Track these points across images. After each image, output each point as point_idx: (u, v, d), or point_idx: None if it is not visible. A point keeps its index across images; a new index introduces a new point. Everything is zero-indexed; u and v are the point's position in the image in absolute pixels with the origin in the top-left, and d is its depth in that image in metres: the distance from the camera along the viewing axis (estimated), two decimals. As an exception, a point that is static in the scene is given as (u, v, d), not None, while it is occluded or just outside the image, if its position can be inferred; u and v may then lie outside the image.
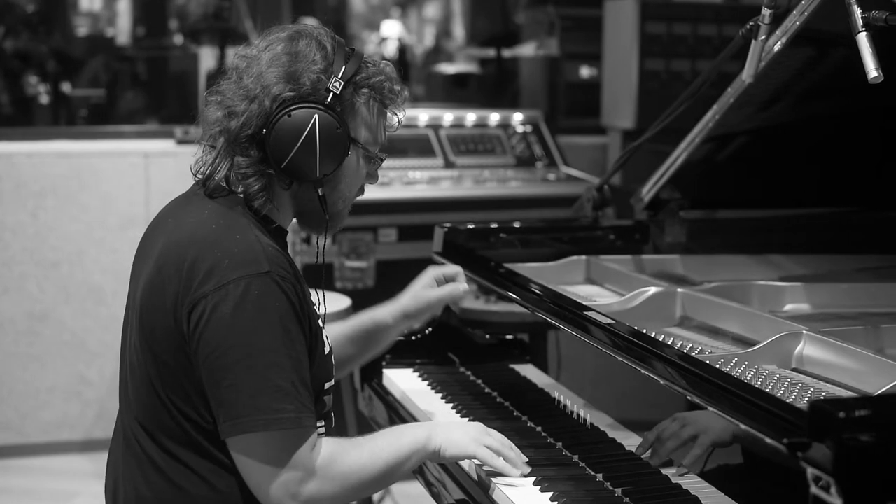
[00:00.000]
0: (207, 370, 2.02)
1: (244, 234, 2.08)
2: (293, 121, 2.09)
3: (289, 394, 2.00)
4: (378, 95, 2.22)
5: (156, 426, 2.11)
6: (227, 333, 1.99)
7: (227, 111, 2.13)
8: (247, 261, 2.02)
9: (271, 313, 2.01)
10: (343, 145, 2.15)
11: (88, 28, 8.78)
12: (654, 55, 5.60)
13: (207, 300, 2.00)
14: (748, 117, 2.99)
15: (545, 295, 2.61)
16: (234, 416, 2.00)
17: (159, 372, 2.08)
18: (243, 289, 2.00)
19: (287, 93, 2.10)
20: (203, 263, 2.02)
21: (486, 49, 7.80)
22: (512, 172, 5.22)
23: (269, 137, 2.10)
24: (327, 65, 2.13)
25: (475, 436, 2.23)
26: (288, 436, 2.01)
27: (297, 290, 2.08)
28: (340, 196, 2.24)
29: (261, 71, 2.12)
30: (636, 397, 2.35)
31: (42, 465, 5.03)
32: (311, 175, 2.13)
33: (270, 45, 2.15)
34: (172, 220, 2.19)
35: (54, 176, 5.04)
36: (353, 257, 4.78)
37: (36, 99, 7.04)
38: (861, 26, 2.16)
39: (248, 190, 2.13)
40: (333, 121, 2.12)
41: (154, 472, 2.12)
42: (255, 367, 1.99)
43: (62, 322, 5.10)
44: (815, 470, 1.61)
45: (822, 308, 2.74)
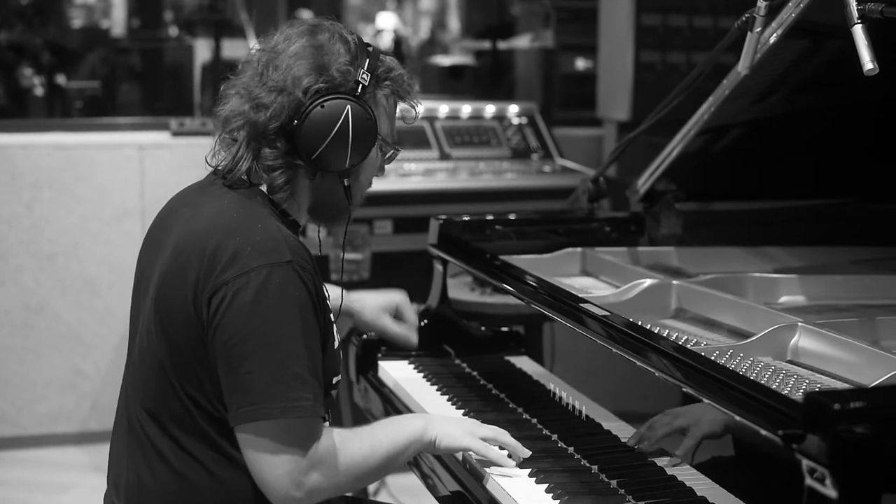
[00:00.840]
0: (224, 356, 2.02)
1: (265, 223, 2.09)
2: (326, 111, 2.11)
3: (306, 382, 2.01)
4: (398, 89, 2.25)
5: (164, 413, 2.12)
6: (246, 320, 2.00)
7: (254, 103, 2.13)
8: (269, 249, 2.03)
9: (291, 302, 2.02)
10: (372, 136, 2.18)
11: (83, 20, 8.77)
12: (650, 47, 5.60)
13: (229, 286, 2.01)
14: (744, 109, 2.99)
15: (540, 287, 2.61)
16: (250, 402, 2.00)
17: (172, 358, 2.09)
18: (265, 277, 2.01)
19: (320, 84, 2.12)
20: (225, 250, 2.03)
21: (482, 41, 7.79)
22: (507, 164, 5.22)
23: (301, 128, 2.11)
24: (352, 57, 2.16)
25: (470, 428, 2.24)
26: (301, 424, 2.02)
27: (315, 281, 2.10)
28: (360, 187, 2.27)
29: (287, 63, 2.13)
30: (631, 389, 2.35)
31: (38, 458, 5.03)
32: (340, 166, 2.16)
33: (290, 38, 2.16)
34: (189, 209, 2.19)
35: (49, 168, 5.04)
36: (348, 249, 4.78)
37: (31, 91, 7.03)
38: (856, 18, 2.16)
39: (273, 182, 2.15)
40: (364, 112, 2.15)
41: (158, 461, 2.13)
42: (274, 355, 2.00)
43: (58, 315, 5.09)
44: (810, 461, 1.62)
45: (818, 300, 2.74)
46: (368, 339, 3.00)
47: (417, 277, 3.56)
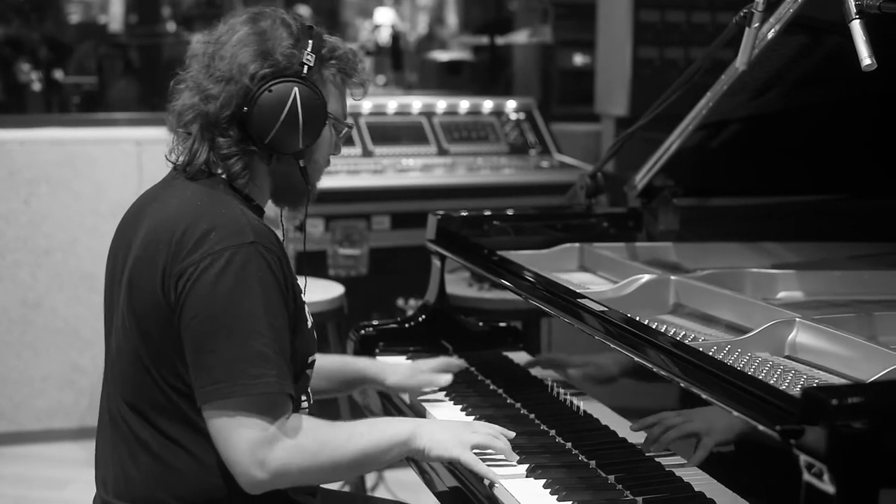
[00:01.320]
0: (189, 337, 2.05)
1: (229, 208, 2.12)
2: (275, 95, 2.14)
3: (269, 359, 2.02)
4: (344, 66, 2.27)
5: (145, 403, 2.13)
6: (209, 300, 2.03)
7: (204, 95, 2.16)
8: (233, 232, 2.06)
9: (254, 282, 2.04)
10: (322, 116, 2.20)
11: (81, 15, 8.76)
12: (648, 43, 5.60)
13: (193, 268, 2.04)
14: (741, 105, 2.99)
15: (538, 282, 2.61)
16: (213, 380, 2.02)
17: (147, 347, 2.11)
18: (228, 257, 2.04)
19: (265, 69, 2.15)
20: (191, 236, 2.07)
21: (480, 36, 7.79)
22: (505, 160, 5.22)
23: (252, 114, 2.14)
24: (295, 40, 2.19)
25: (461, 437, 2.21)
26: (265, 401, 2.02)
27: (281, 262, 2.12)
28: (316, 167, 2.29)
29: (232, 52, 2.16)
30: (629, 384, 2.35)
31: (36, 453, 5.03)
32: (294, 147, 2.19)
33: (233, 28, 2.20)
34: (156, 203, 2.22)
35: (47, 163, 5.04)
36: (346, 245, 4.77)
37: (28, 86, 7.02)
38: (854, 14, 2.16)
39: (231, 170, 2.18)
40: (312, 93, 2.18)
41: (142, 451, 2.14)
42: (236, 333, 2.02)
43: (55, 310, 5.09)
44: (807, 457, 1.62)
45: (815, 295, 2.74)
46: (366, 335, 3.00)
47: (415, 273, 3.57)
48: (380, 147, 5.08)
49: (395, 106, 5.28)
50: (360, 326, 3.06)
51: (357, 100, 2.38)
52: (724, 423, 1.97)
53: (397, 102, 5.32)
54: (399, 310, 4.73)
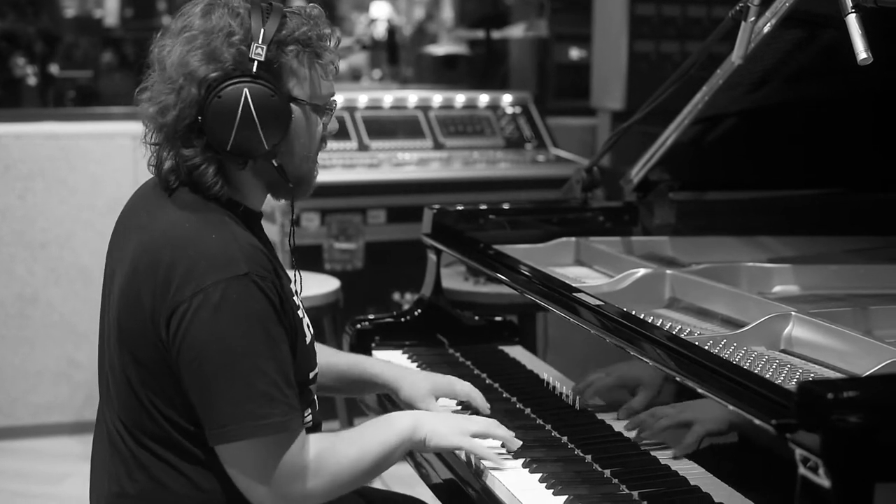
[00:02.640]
0: (190, 378, 1.98)
1: (219, 231, 2.03)
2: (224, 101, 2.01)
3: (273, 398, 1.97)
4: (306, 47, 2.10)
5: (136, 426, 2.08)
6: (207, 340, 1.95)
7: (160, 107, 2.06)
8: (223, 263, 1.97)
9: (251, 317, 1.97)
10: (284, 111, 2.07)
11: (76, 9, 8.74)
12: (644, 37, 5.60)
13: (186, 306, 1.95)
14: (737, 99, 2.99)
15: (534, 276, 2.61)
16: (221, 424, 1.96)
17: (139, 374, 2.05)
18: (221, 293, 1.95)
19: (212, 74, 2.02)
20: (179, 267, 1.98)
21: (476, 30, 7.78)
22: (501, 154, 5.22)
23: (206, 124, 2.03)
24: (245, 32, 2.04)
25: (460, 425, 2.20)
26: (275, 440, 1.98)
27: (276, 286, 2.04)
28: (300, 159, 2.15)
29: (181, 58, 2.04)
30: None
31: (32, 448, 5.03)
32: (259, 150, 2.05)
33: (185, 26, 2.07)
34: (144, 216, 2.13)
35: (42, 158, 5.03)
36: (341, 239, 4.77)
37: (23, 80, 7.00)
38: (850, 8, 2.16)
39: (201, 179, 2.06)
40: (266, 90, 2.03)
41: (137, 469, 2.09)
42: (238, 373, 1.95)
43: (51, 304, 5.09)
44: (803, 451, 1.62)
45: (811, 289, 2.74)
46: (362, 329, 3.00)
47: (411, 267, 3.57)
48: (376, 141, 5.08)
49: (390, 100, 5.28)
50: (355, 320, 3.05)
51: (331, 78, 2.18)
52: (716, 411, 1.97)
53: (393, 96, 5.32)
54: (395, 304, 4.73)
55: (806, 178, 3.25)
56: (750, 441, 1.86)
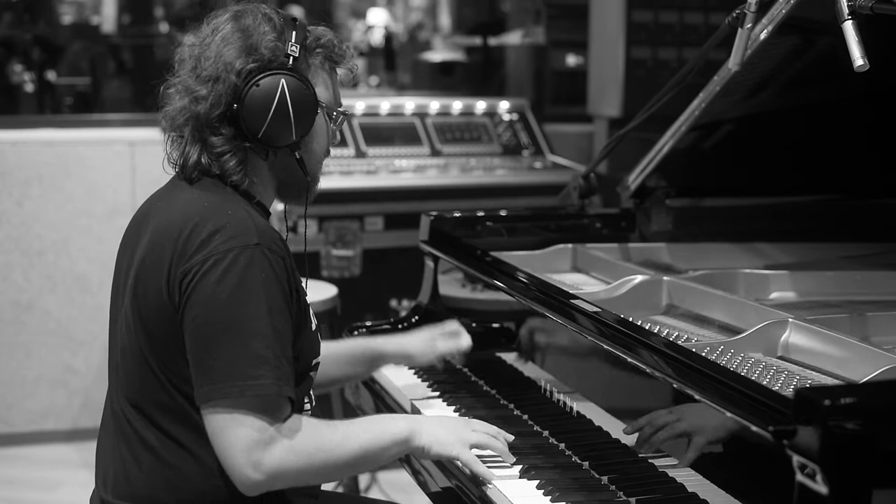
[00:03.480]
0: (190, 337, 2.05)
1: (235, 209, 2.12)
2: (263, 89, 2.14)
3: (268, 362, 2.02)
4: (329, 54, 2.26)
5: (149, 403, 2.13)
6: (210, 301, 2.03)
7: (193, 97, 2.16)
8: (238, 233, 2.07)
9: (256, 283, 2.04)
10: (312, 105, 2.19)
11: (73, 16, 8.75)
12: (641, 43, 5.60)
13: (196, 269, 2.04)
14: (734, 105, 2.99)
15: (531, 283, 2.61)
16: (212, 381, 2.01)
17: (153, 347, 2.11)
18: (231, 258, 2.04)
19: (251, 64, 2.14)
20: (196, 237, 2.07)
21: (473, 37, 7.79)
22: (498, 161, 5.22)
23: (242, 110, 2.14)
24: (279, 33, 2.18)
25: (461, 435, 2.21)
26: (262, 403, 2.02)
27: (285, 264, 2.12)
28: (315, 157, 2.28)
29: (217, 52, 2.16)
30: (622, 385, 2.35)
31: (28, 455, 5.02)
32: (287, 139, 2.18)
33: (216, 28, 2.20)
34: (161, 204, 2.22)
35: (39, 164, 5.03)
36: (339, 246, 4.77)
37: (21, 87, 7.01)
38: (847, 14, 2.17)
39: (225, 167, 2.17)
40: (300, 83, 2.17)
41: (145, 451, 2.13)
42: (237, 334, 2.02)
43: (48, 311, 5.09)
44: (800, 457, 1.62)
45: (808, 296, 2.74)
46: (359, 335, 3.00)
47: (408, 274, 3.57)
48: (373, 148, 5.09)
49: (387, 107, 5.29)
50: (353, 327, 3.06)
51: (348, 86, 2.39)
52: (715, 421, 1.97)
53: (390, 103, 5.32)
54: (392, 310, 4.73)
55: (803, 184, 3.25)
56: (747, 448, 1.86)
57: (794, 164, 3.18)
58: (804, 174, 3.22)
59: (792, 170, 3.21)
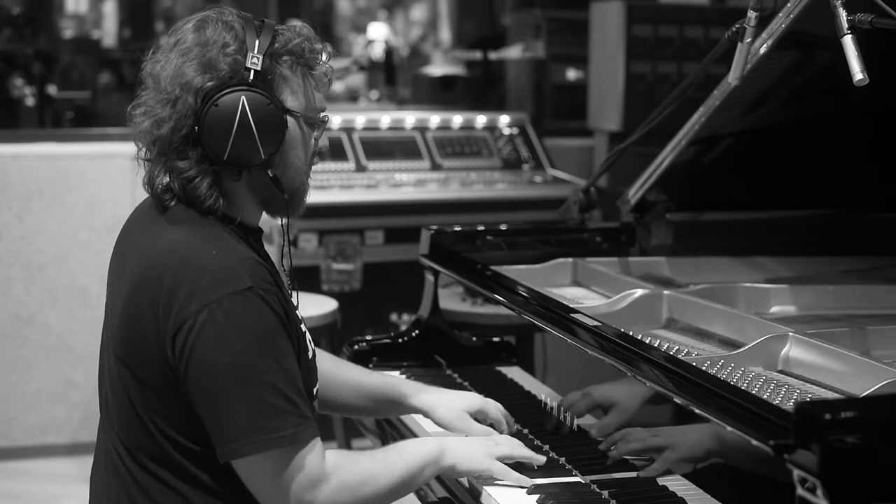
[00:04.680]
0: (199, 395, 1.97)
1: (220, 247, 2.03)
2: (221, 109, 2.02)
3: (283, 410, 1.96)
4: (300, 59, 2.12)
5: (136, 447, 2.07)
6: (214, 357, 1.95)
7: (154, 120, 2.06)
8: (227, 278, 1.97)
9: (257, 330, 1.97)
10: (279, 120, 2.06)
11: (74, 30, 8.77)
12: (641, 57, 5.61)
13: (191, 322, 1.95)
14: (734, 120, 3.00)
15: (532, 297, 2.61)
16: (232, 440, 1.95)
17: (141, 394, 2.04)
18: (226, 308, 1.95)
19: (208, 83, 2.03)
20: (182, 286, 1.97)
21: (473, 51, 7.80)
22: (498, 175, 5.23)
23: (203, 133, 2.02)
24: (240, 44, 2.05)
25: (487, 449, 2.21)
26: (288, 452, 1.97)
27: (280, 299, 2.04)
28: (294, 171, 2.14)
29: (176, 69, 2.05)
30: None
31: (28, 469, 5.01)
32: (256, 159, 2.05)
33: (179, 41, 2.08)
34: (143, 236, 2.13)
35: (40, 178, 5.03)
36: (339, 260, 4.77)
37: (21, 101, 7.01)
38: (847, 29, 2.17)
39: (195, 192, 2.06)
40: (262, 98, 2.04)
41: (137, 491, 2.08)
42: (248, 388, 1.95)
43: (48, 325, 5.08)
44: (801, 472, 1.62)
45: (808, 310, 2.74)
46: (360, 350, 3.00)
47: (409, 288, 3.56)
48: (373, 162, 5.09)
49: (388, 121, 5.29)
50: (353, 341, 3.05)
51: (323, 91, 2.20)
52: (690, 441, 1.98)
53: (390, 117, 5.33)
54: (392, 324, 4.73)
55: (803, 198, 3.25)
56: (748, 462, 1.86)
57: (794, 179, 3.19)
58: (804, 188, 3.22)
59: (792, 184, 3.21)
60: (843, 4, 2.18)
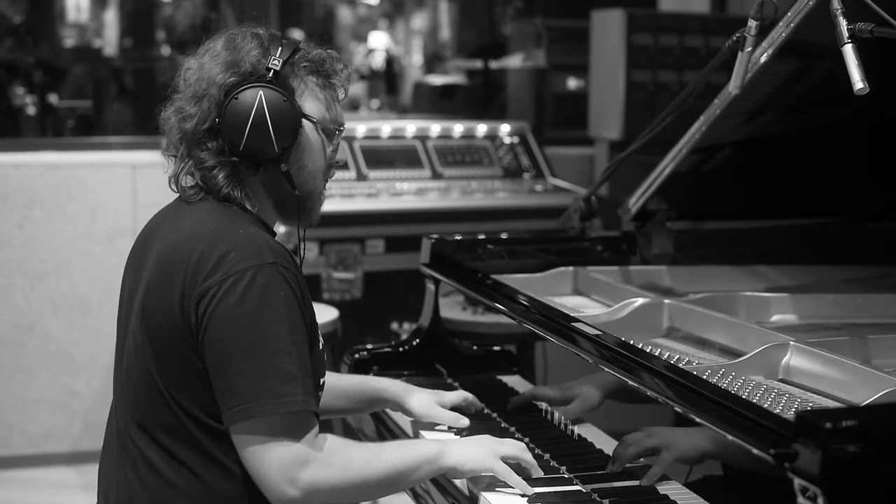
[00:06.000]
0: (214, 359, 2.05)
1: (246, 228, 2.13)
2: (240, 102, 2.15)
3: (296, 378, 2.03)
4: (319, 68, 2.25)
5: (155, 424, 2.12)
6: (233, 321, 2.03)
7: (182, 116, 2.19)
8: (252, 252, 2.07)
9: (277, 302, 2.05)
10: (294, 116, 2.18)
11: (75, 39, 8.78)
12: (641, 66, 5.62)
13: (215, 290, 2.04)
14: (734, 128, 3.00)
15: (532, 306, 2.61)
16: (242, 401, 2.01)
17: (162, 369, 2.11)
18: (249, 278, 2.04)
19: (230, 79, 2.16)
20: (210, 257, 2.07)
21: (474, 60, 7.81)
22: (499, 183, 5.23)
23: (223, 125, 2.15)
24: (264, 49, 2.19)
25: (490, 448, 2.23)
26: (293, 420, 2.03)
27: (299, 281, 2.13)
28: (308, 174, 2.25)
29: (204, 70, 2.19)
30: (623, 408, 2.35)
31: (28, 478, 5.01)
32: (270, 152, 2.17)
33: (210, 48, 2.22)
34: (167, 224, 2.23)
35: (41, 187, 5.03)
36: (340, 268, 4.78)
37: (23, 110, 7.03)
38: (847, 38, 2.17)
39: (214, 181, 2.18)
40: (279, 95, 2.16)
41: (149, 471, 2.13)
42: (263, 353, 2.02)
43: (49, 334, 5.08)
44: (802, 480, 1.61)
45: (809, 319, 2.74)
46: (360, 358, 3.00)
47: (409, 296, 3.56)
48: (374, 171, 5.09)
49: (389, 130, 5.30)
50: (354, 350, 3.05)
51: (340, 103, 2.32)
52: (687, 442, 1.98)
53: (391, 126, 5.33)
54: (393, 333, 4.73)
55: (803, 207, 3.25)
56: (749, 471, 1.86)
57: (795, 187, 3.19)
58: (804, 197, 3.22)
59: (792, 193, 3.21)
60: (843, 13, 2.18)
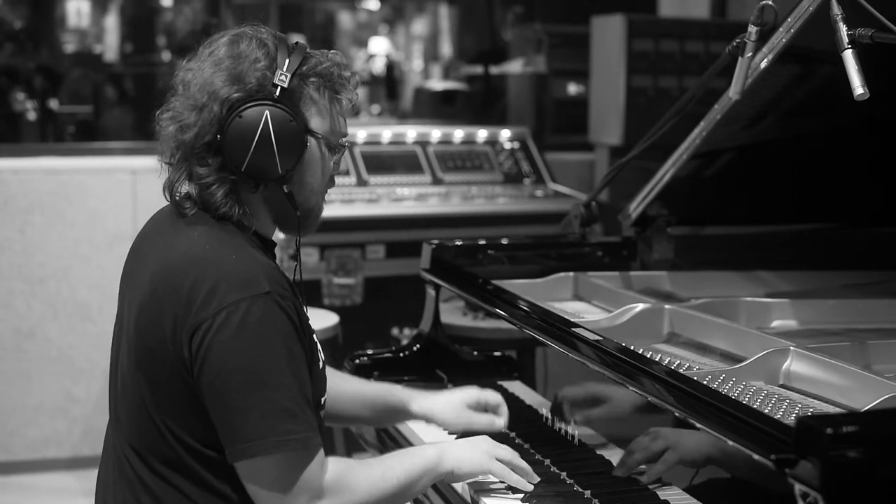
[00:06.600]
0: (212, 395, 1.99)
1: (239, 252, 2.06)
2: (245, 121, 2.06)
3: (296, 415, 1.99)
4: (327, 82, 2.16)
5: (147, 449, 2.08)
6: (230, 358, 1.97)
7: (179, 125, 2.10)
8: (246, 281, 2.00)
9: (274, 335, 1.99)
10: (300, 137, 2.10)
11: (76, 44, 8.78)
12: (642, 72, 5.63)
13: (208, 324, 1.98)
14: (735, 134, 3.00)
15: (533, 311, 2.61)
16: (243, 440, 1.97)
17: (154, 396, 2.06)
18: (244, 311, 1.97)
19: (235, 94, 2.07)
20: (202, 286, 2.00)
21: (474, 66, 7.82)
22: (500, 189, 5.23)
23: (225, 142, 2.07)
24: (270, 61, 2.10)
25: (487, 449, 2.23)
26: (297, 457, 1.99)
27: (296, 307, 2.07)
28: (310, 190, 2.18)
29: (206, 78, 2.09)
30: (624, 414, 2.35)
31: (29, 483, 5.00)
32: (273, 173, 2.09)
33: (213, 51, 2.13)
34: (161, 238, 2.16)
35: (41, 192, 5.04)
36: (340, 274, 4.77)
37: (23, 115, 7.02)
38: (847, 43, 2.17)
39: (212, 198, 2.10)
40: (286, 115, 2.08)
41: (145, 495, 2.09)
42: (262, 390, 1.97)
43: (49, 339, 5.08)
44: (802, 486, 1.61)
45: (809, 324, 2.74)
46: (361, 364, 3.00)
47: (410, 302, 3.56)
48: (374, 176, 5.10)
49: (389, 135, 5.30)
50: (354, 355, 3.05)
51: (349, 115, 2.25)
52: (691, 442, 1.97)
53: (392, 132, 5.34)
54: (394, 339, 4.73)
55: (803, 212, 3.25)
56: (749, 476, 1.86)
57: (795, 193, 3.19)
58: (805, 203, 3.22)
59: (793, 198, 3.21)
60: (843, 19, 2.18)
